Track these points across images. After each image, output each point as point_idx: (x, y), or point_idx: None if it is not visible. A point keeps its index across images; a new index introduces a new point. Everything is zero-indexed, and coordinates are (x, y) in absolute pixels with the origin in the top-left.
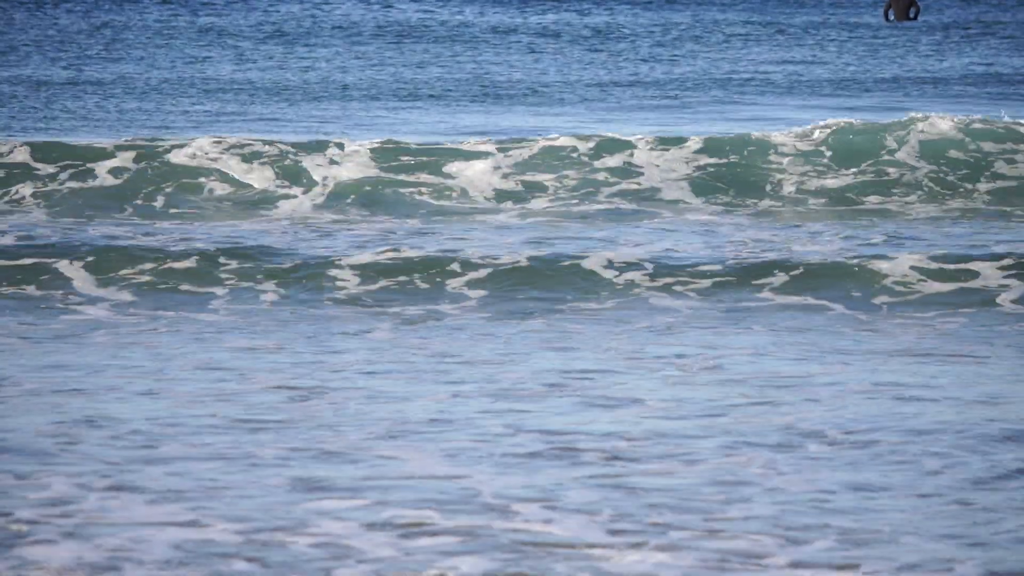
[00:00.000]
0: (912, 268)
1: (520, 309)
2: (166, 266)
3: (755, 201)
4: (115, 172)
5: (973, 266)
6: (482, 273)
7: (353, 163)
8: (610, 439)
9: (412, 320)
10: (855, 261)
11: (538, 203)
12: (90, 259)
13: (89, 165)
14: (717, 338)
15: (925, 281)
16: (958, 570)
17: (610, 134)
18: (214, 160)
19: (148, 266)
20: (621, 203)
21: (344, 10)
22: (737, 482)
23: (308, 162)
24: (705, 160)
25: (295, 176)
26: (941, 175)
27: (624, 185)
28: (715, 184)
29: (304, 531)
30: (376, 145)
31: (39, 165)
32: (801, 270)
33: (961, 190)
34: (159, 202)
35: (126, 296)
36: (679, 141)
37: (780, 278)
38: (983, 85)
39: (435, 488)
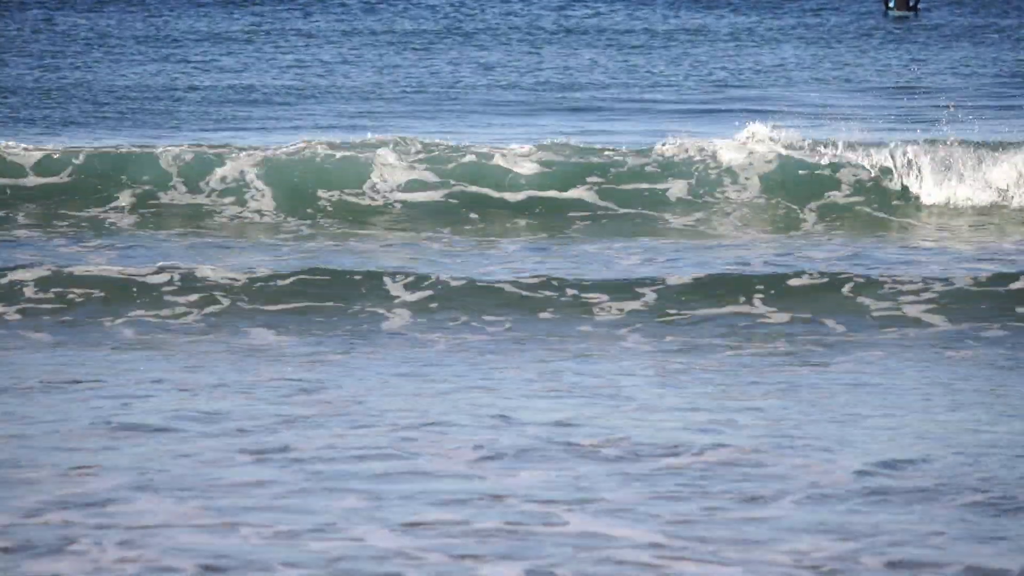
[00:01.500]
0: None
1: (531, 316)
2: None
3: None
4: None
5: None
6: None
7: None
8: (620, 438)
9: (427, 320)
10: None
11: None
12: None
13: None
14: (711, 347)
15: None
16: None
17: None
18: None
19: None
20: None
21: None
22: (760, 482)
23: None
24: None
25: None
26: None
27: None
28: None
29: (340, 534)
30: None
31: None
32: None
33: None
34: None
35: (149, 298)
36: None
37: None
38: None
39: (463, 489)
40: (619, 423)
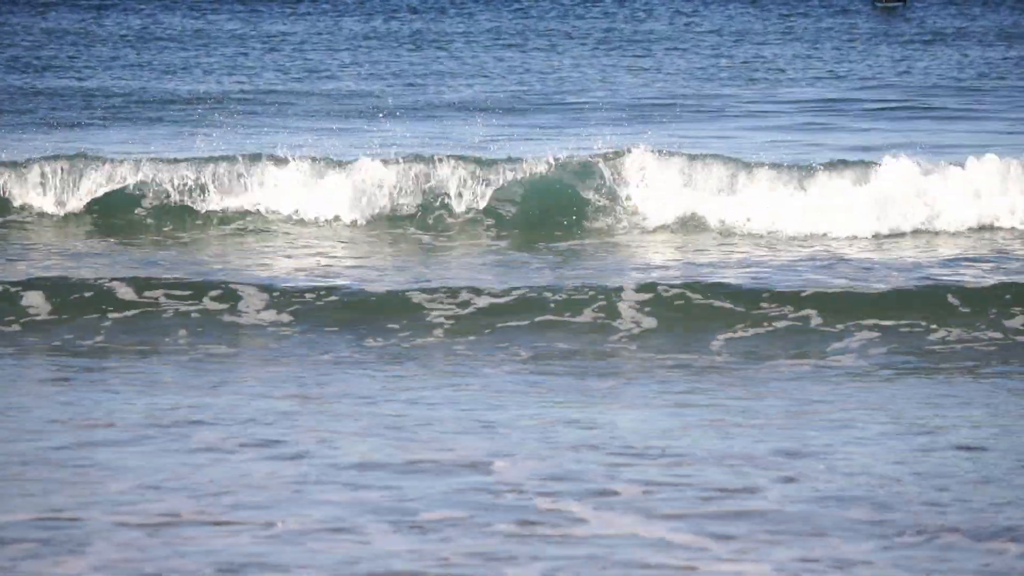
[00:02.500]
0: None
1: (517, 321)
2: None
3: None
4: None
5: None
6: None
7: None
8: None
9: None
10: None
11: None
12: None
13: None
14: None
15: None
16: None
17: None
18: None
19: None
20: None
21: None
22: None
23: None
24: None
25: None
26: None
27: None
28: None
29: (354, 535)
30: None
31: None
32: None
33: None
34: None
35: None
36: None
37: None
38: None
39: (472, 487)
40: (614, 424)
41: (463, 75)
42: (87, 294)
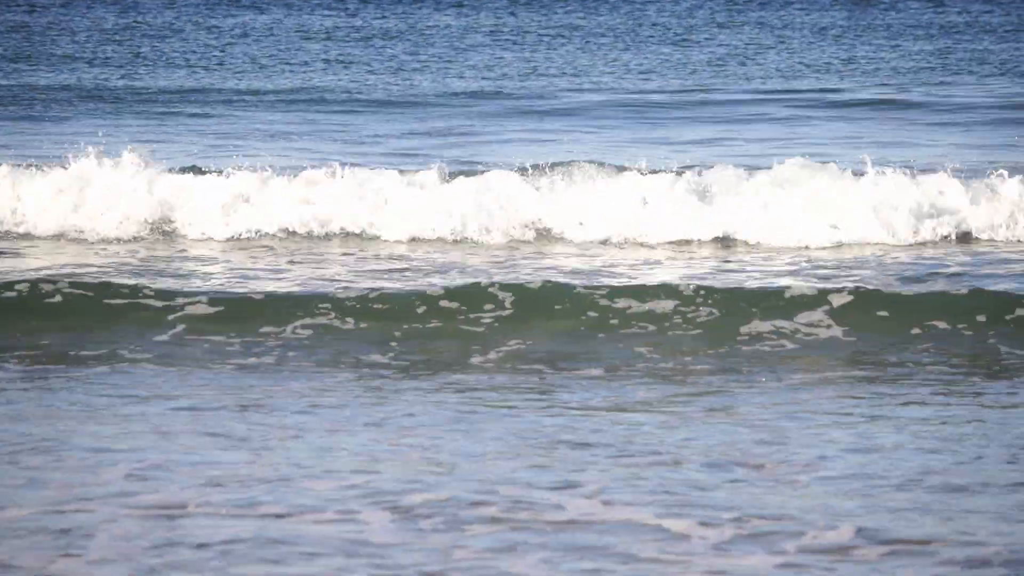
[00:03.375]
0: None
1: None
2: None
3: None
4: None
5: None
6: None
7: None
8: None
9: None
10: None
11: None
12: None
13: None
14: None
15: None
16: None
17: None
18: None
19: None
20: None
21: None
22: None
23: None
24: None
25: None
26: None
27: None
28: None
29: (350, 524)
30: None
31: None
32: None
33: None
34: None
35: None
36: None
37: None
38: None
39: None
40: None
41: (429, 69)
42: (57, 296)
